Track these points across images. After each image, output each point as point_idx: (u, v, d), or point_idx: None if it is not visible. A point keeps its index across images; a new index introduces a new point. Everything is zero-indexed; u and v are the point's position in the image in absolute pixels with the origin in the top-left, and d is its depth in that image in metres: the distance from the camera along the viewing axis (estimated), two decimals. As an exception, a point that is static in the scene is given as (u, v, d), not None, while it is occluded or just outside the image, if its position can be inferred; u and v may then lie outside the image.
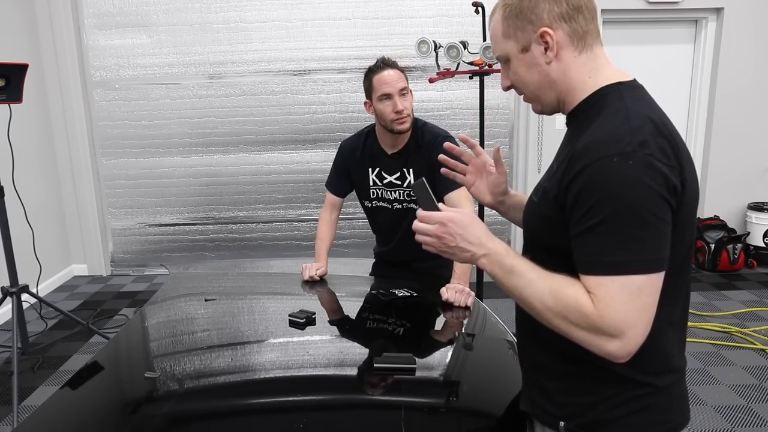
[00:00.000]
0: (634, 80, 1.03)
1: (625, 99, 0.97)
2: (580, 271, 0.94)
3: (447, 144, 1.40)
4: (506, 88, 1.11)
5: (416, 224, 1.07)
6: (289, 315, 1.71)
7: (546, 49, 1.00)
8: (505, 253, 1.01)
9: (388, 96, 2.01)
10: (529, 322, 1.04)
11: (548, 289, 0.95)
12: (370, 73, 2.05)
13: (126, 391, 1.40)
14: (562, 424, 1.05)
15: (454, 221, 1.03)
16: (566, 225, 0.96)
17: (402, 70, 2.05)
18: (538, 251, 1.07)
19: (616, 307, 0.89)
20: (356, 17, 4.55)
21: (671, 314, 1.01)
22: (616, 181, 0.88)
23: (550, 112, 1.09)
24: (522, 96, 1.11)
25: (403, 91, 2.03)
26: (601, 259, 0.90)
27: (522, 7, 1.00)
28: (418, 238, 1.07)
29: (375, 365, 1.39)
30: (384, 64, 2.03)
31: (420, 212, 1.07)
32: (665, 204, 0.89)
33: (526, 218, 1.11)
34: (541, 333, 1.01)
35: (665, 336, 1.00)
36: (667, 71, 4.72)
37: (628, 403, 1.01)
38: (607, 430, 1.02)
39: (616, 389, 1.01)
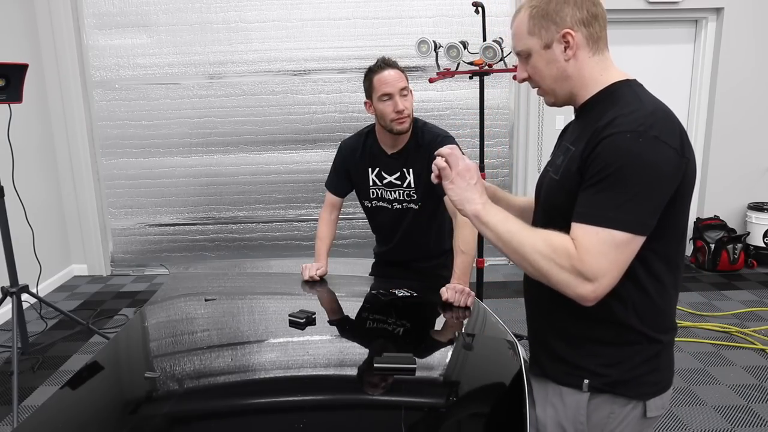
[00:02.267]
0: (636, 80, 1.17)
1: (637, 92, 1.13)
2: (574, 220, 1.06)
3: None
4: (521, 80, 1.24)
5: (456, 150, 1.20)
6: (289, 315, 1.71)
7: (566, 48, 1.15)
8: (502, 209, 1.17)
9: (388, 96, 2.00)
10: (540, 292, 1.17)
11: (540, 236, 1.09)
12: (370, 72, 2.05)
13: (126, 391, 1.40)
14: (586, 381, 1.16)
15: (480, 178, 1.20)
16: None
17: (402, 70, 2.05)
18: (559, 223, 1.13)
19: (595, 254, 1.02)
20: (356, 17, 4.55)
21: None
22: (625, 153, 1.02)
23: (561, 104, 1.24)
24: (537, 90, 1.24)
25: (404, 91, 2.02)
26: (594, 212, 1.04)
27: (548, 10, 1.15)
28: (442, 150, 1.20)
29: (375, 365, 1.39)
30: (384, 64, 2.03)
31: None
32: (665, 181, 1.03)
33: (545, 194, 1.23)
34: (558, 299, 1.09)
35: (671, 298, 1.17)
36: (667, 71, 4.72)
37: (644, 363, 1.15)
38: (625, 388, 1.15)
39: (633, 348, 1.14)
